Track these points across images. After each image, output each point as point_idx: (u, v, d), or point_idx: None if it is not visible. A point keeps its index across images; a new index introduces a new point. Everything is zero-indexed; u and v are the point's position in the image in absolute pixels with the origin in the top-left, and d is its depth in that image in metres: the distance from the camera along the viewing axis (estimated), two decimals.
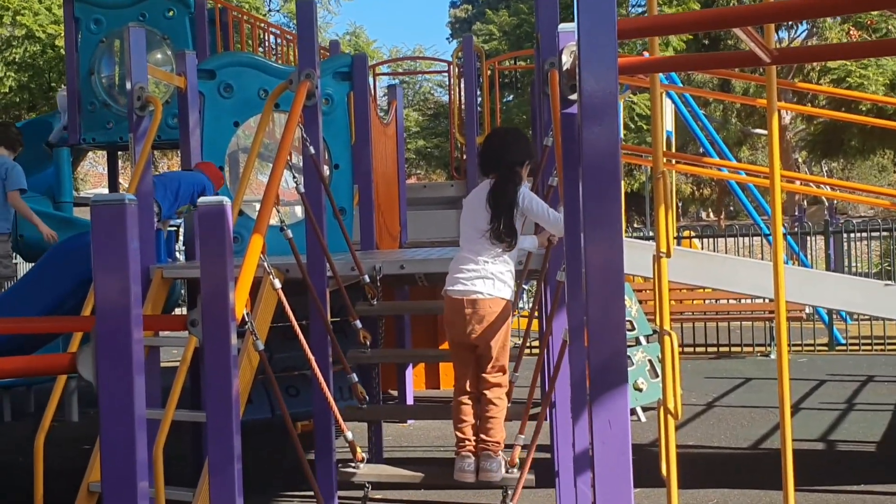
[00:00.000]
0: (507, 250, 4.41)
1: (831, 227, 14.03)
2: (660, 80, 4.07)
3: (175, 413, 4.55)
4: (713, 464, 6.69)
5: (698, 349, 12.71)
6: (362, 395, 4.91)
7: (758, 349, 12.49)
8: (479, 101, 11.13)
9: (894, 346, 12.26)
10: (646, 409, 8.14)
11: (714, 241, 14.60)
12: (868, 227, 14.49)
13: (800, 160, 28.51)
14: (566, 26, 3.69)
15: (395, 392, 8.84)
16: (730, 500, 5.71)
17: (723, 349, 12.70)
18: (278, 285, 4.39)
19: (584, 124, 2.57)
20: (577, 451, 3.97)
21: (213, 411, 2.97)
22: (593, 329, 2.56)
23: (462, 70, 10.76)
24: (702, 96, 18.47)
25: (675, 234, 13.23)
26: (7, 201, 7.30)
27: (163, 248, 6.14)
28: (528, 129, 8.51)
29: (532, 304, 5.43)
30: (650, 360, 8.09)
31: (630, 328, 8.26)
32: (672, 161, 8.83)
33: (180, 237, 7.30)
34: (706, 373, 10.81)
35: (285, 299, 4.40)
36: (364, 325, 5.17)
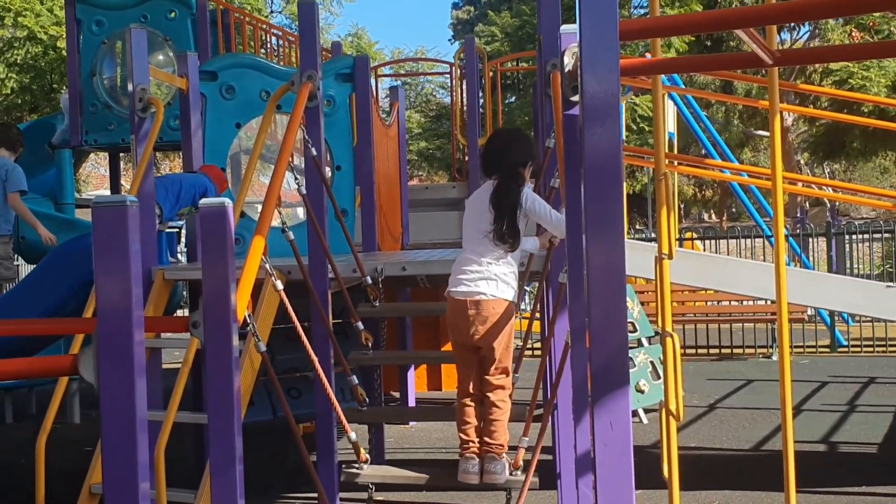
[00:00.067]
0: (510, 251, 4.39)
1: (833, 229, 14.02)
2: (662, 81, 4.06)
3: (177, 415, 4.56)
4: (715, 465, 6.69)
5: (700, 351, 12.71)
6: (362, 398, 4.91)
7: (759, 351, 12.48)
8: (481, 103, 11.11)
9: None
10: (648, 410, 8.14)
11: (716, 242, 14.58)
12: (870, 228, 14.47)
13: (802, 162, 28.47)
14: (568, 28, 3.69)
15: (397, 393, 8.84)
16: (731, 501, 5.71)
17: (725, 351, 12.69)
18: (280, 287, 4.39)
19: (585, 126, 2.57)
20: (579, 452, 3.97)
21: (215, 413, 2.97)
22: (595, 330, 2.56)
23: (464, 71, 10.77)
24: (704, 98, 18.48)
25: (677, 236, 13.23)
26: (7, 203, 7.29)
27: (164, 250, 6.13)
28: (530, 131, 8.49)
29: (533, 305, 5.42)
30: (652, 362, 8.09)
31: (632, 330, 8.25)
32: (674, 162, 8.82)
33: (182, 239, 7.30)
34: (708, 374, 10.81)
35: (287, 301, 4.39)
36: (366, 326, 5.17)
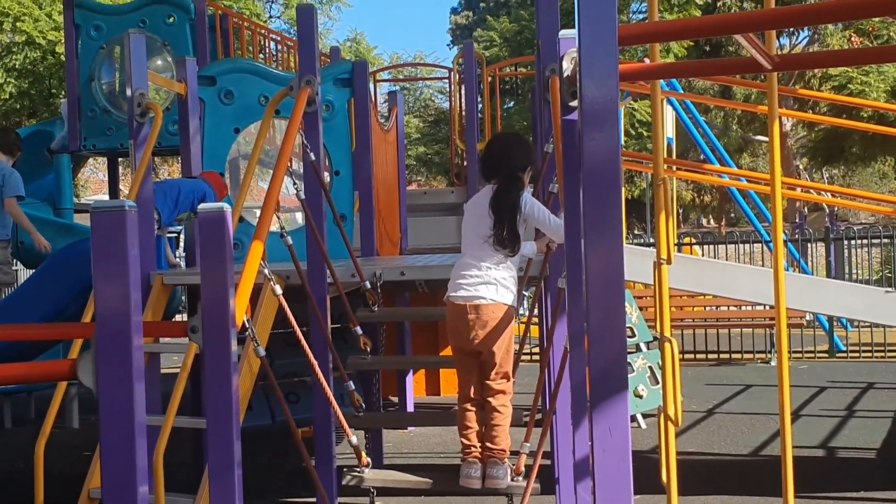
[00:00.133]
0: (509, 256, 4.40)
1: (832, 234, 14.03)
2: (661, 86, 4.06)
3: (175, 419, 4.55)
4: (713, 471, 6.68)
5: (699, 356, 12.71)
6: (359, 403, 4.91)
7: (758, 356, 12.48)
8: (480, 108, 11.12)
9: (895, 354, 12.25)
10: (646, 415, 8.13)
11: (715, 247, 14.58)
12: (869, 233, 14.46)
13: (801, 167, 28.51)
14: (567, 33, 3.69)
15: (395, 398, 8.83)
16: None
17: (723, 356, 12.69)
18: (279, 292, 4.39)
19: (584, 131, 2.57)
20: (578, 457, 3.97)
21: (214, 417, 2.97)
22: (594, 335, 2.55)
23: (463, 76, 10.77)
24: (703, 103, 18.50)
25: (676, 241, 13.20)
26: (4, 208, 7.28)
27: (163, 255, 6.13)
28: (529, 136, 8.50)
29: (530, 309, 5.42)
30: (650, 367, 8.08)
31: (630, 335, 8.25)
32: (673, 168, 8.83)
33: (181, 244, 7.30)
34: (706, 379, 10.80)
35: (286, 306, 4.40)
36: (364, 331, 5.17)
